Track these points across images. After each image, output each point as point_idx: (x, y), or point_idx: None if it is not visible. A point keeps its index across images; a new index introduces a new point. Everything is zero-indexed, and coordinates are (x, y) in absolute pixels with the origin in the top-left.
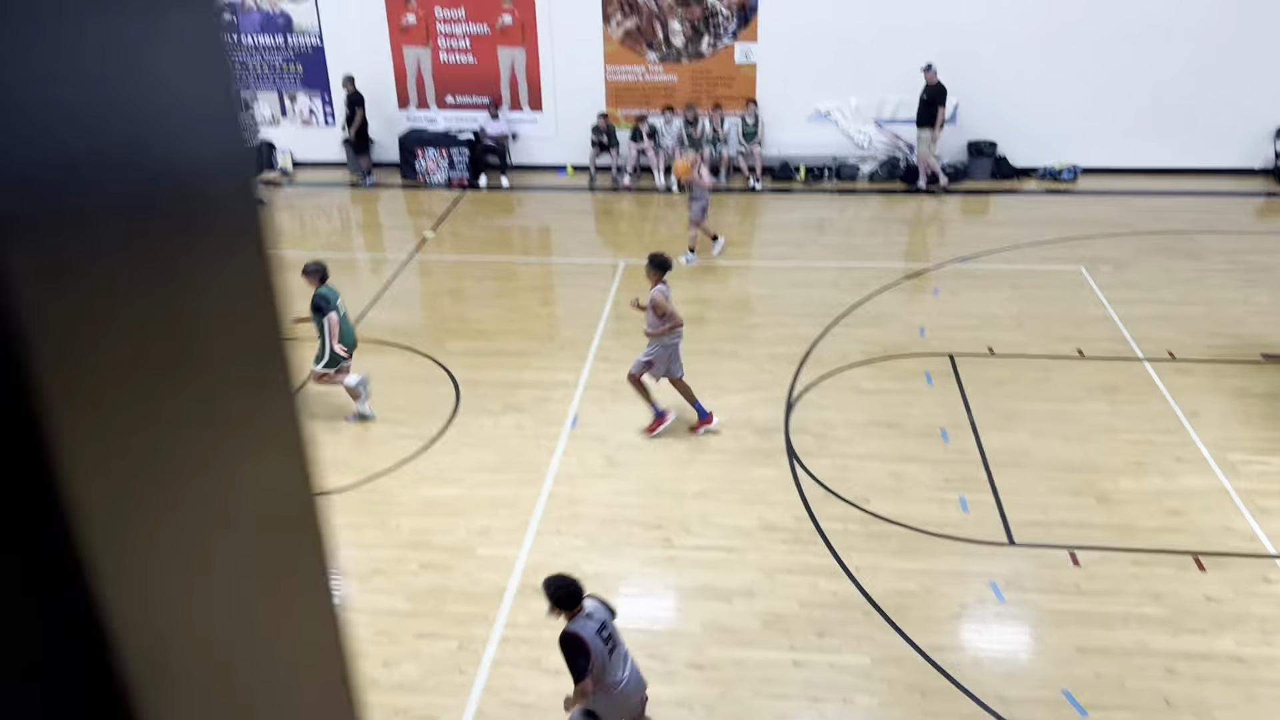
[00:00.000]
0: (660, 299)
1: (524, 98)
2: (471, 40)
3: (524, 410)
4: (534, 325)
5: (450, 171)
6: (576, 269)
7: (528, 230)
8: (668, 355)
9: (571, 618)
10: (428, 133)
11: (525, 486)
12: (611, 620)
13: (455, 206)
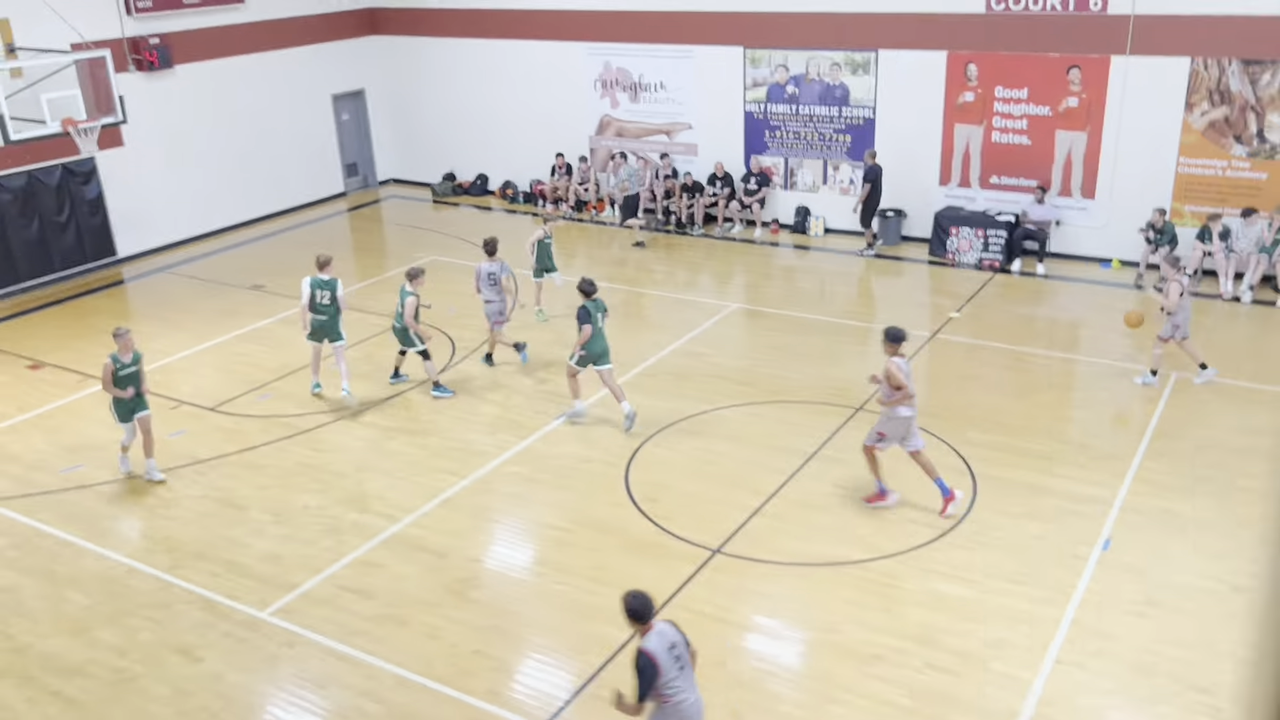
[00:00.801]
0: (894, 370)
1: (1076, 184)
2: (1029, 121)
3: (1048, 520)
4: (1063, 428)
5: (983, 252)
6: (1113, 372)
7: (1058, 323)
8: (902, 427)
9: (644, 634)
10: (965, 211)
11: (1046, 606)
12: (683, 641)
13: (983, 289)
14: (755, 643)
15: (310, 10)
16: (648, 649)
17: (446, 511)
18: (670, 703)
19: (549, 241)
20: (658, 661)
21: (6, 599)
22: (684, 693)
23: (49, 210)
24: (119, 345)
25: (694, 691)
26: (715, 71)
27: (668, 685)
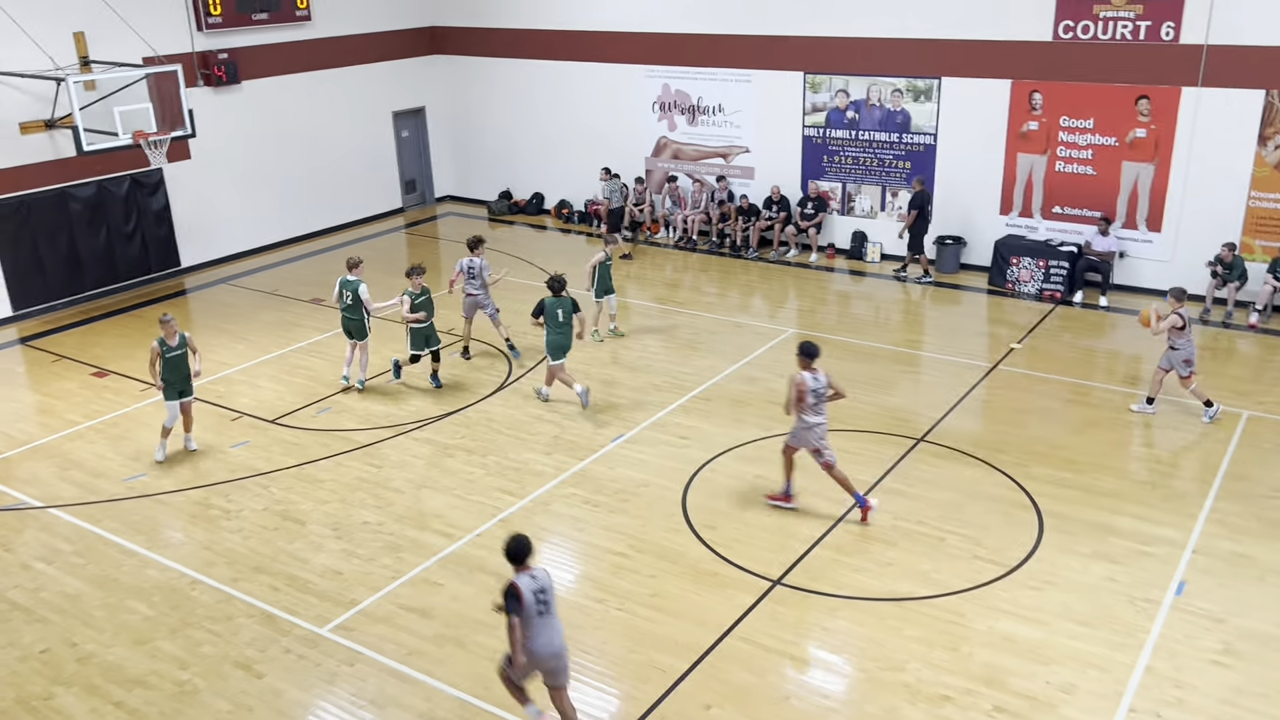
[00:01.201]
0: (792, 384)
1: (1141, 216)
2: (1094, 151)
3: (1117, 561)
4: (1132, 466)
5: (1045, 283)
6: (1178, 409)
7: (1119, 356)
8: (809, 436)
9: (518, 572)
10: (1026, 241)
11: (1119, 650)
12: (550, 590)
13: (1044, 320)
14: (819, 679)
15: (375, 28)
16: (517, 583)
17: (504, 531)
18: (526, 641)
19: (609, 264)
20: (521, 596)
21: (71, 607)
22: (538, 636)
23: (116, 220)
24: (164, 331)
25: (547, 635)
26: (774, 96)
27: (526, 624)
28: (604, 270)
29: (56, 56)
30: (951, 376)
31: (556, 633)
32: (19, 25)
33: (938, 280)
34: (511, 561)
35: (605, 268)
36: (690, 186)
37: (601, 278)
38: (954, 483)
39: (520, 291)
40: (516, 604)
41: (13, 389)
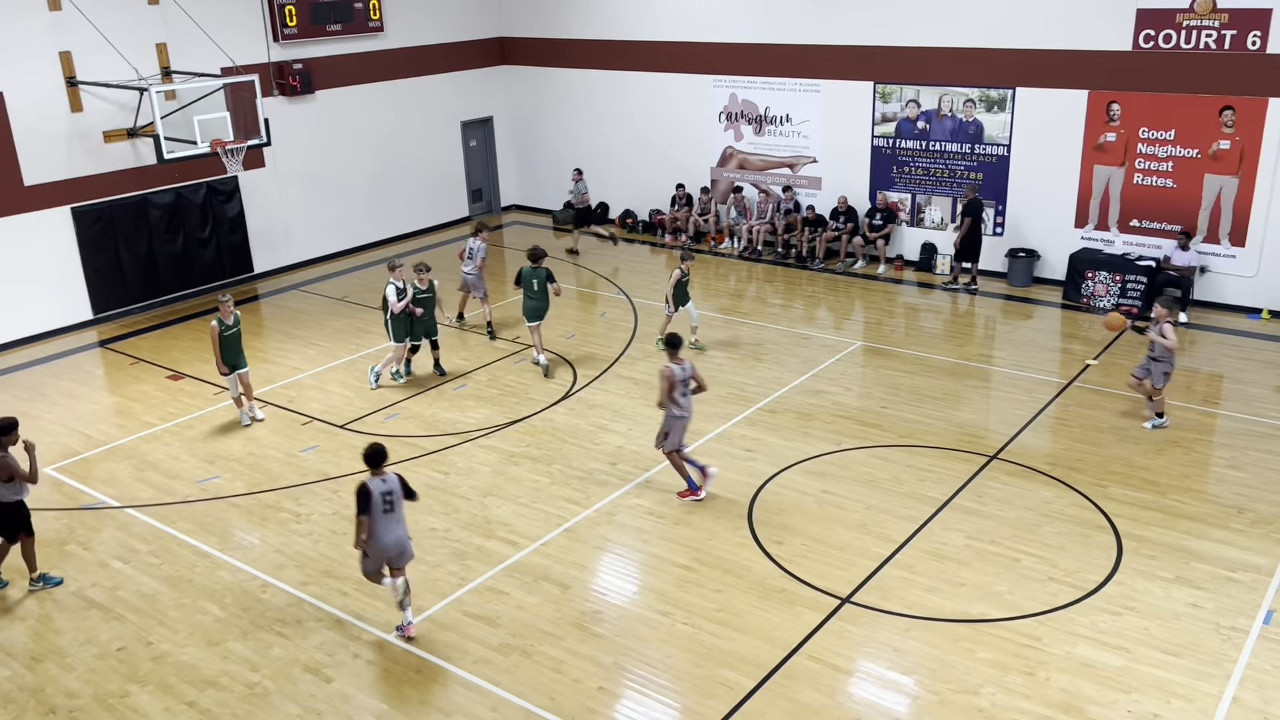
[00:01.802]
0: (662, 375)
1: (1224, 230)
2: (1175, 164)
3: (1201, 587)
4: (1216, 489)
5: (1121, 298)
6: (1264, 430)
7: (1198, 374)
8: (680, 426)
9: (372, 476)
10: (1102, 255)
11: (1204, 680)
12: (401, 494)
13: (1121, 336)
14: (890, 700)
15: (445, 39)
16: (368, 484)
17: (569, 541)
18: (372, 538)
19: (687, 280)
20: (370, 495)
21: (147, 606)
22: (384, 533)
23: (193, 227)
24: (221, 311)
25: (392, 531)
26: (843, 106)
27: (374, 521)
28: (681, 287)
29: (140, 67)
30: (1024, 392)
31: (400, 528)
32: (105, 37)
33: (1010, 294)
34: (369, 465)
35: (683, 285)
36: (756, 197)
37: (678, 293)
38: (1028, 502)
39: (576, 299)
40: (365, 503)
41: (92, 390)
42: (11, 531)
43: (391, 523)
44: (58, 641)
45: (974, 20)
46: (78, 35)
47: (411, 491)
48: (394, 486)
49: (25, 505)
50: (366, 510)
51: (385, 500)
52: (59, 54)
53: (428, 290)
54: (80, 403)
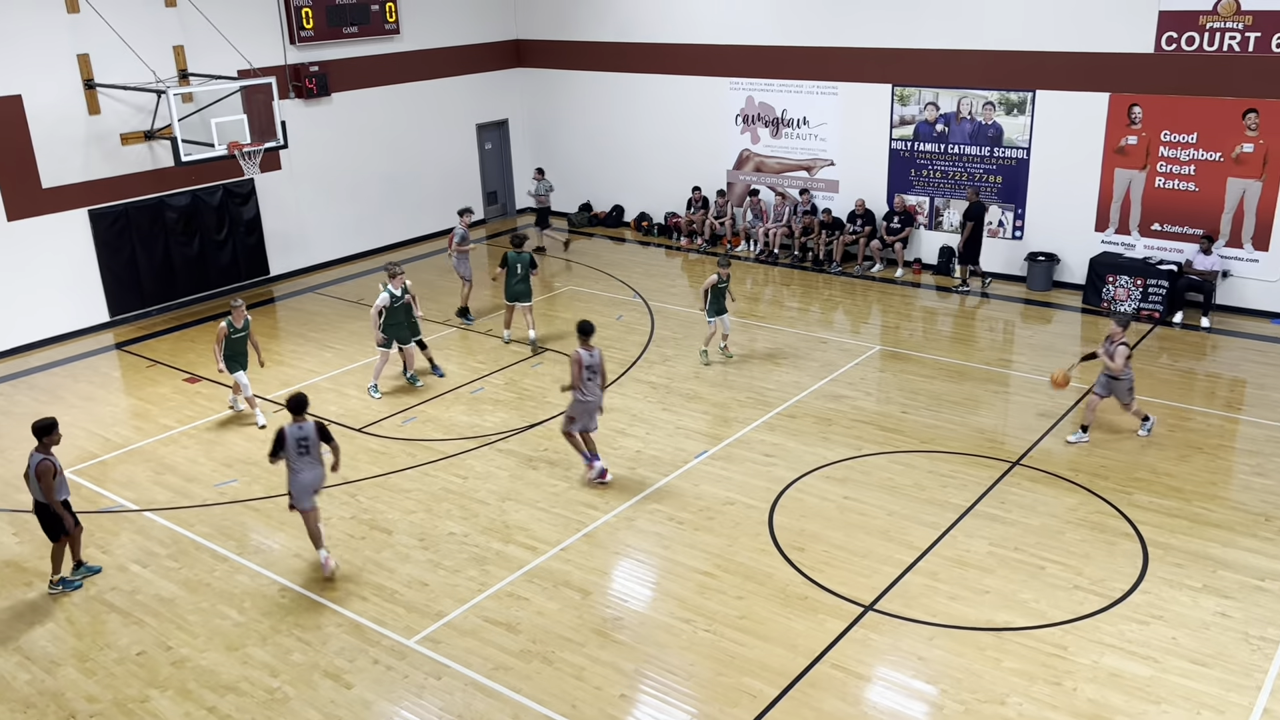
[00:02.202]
0: (575, 357)
1: (1246, 234)
2: (1197, 167)
3: (1230, 596)
4: (1242, 496)
5: (1142, 303)
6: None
7: (1221, 380)
8: (584, 411)
9: (291, 422)
10: (1123, 259)
11: (1235, 691)
12: (316, 439)
13: (1141, 341)
14: (916, 710)
15: (460, 41)
16: (284, 430)
17: (589, 546)
18: (291, 474)
19: (724, 286)
20: (284, 438)
21: (166, 610)
22: (300, 471)
23: (209, 229)
24: (233, 314)
25: (309, 473)
26: (861, 108)
27: (291, 462)
28: (718, 293)
29: (158, 70)
30: (1045, 398)
31: (316, 469)
32: (123, 40)
33: (1029, 298)
34: (291, 411)
35: (720, 291)
36: (772, 200)
37: (715, 299)
38: (1052, 508)
39: (590, 301)
40: (279, 446)
41: (109, 393)
42: (57, 531)
43: (307, 465)
44: (77, 645)
45: (994, 22)
46: (96, 38)
47: (329, 436)
48: (309, 433)
49: (69, 504)
50: (279, 452)
51: (300, 444)
52: (77, 57)
53: (401, 295)
54: (98, 405)
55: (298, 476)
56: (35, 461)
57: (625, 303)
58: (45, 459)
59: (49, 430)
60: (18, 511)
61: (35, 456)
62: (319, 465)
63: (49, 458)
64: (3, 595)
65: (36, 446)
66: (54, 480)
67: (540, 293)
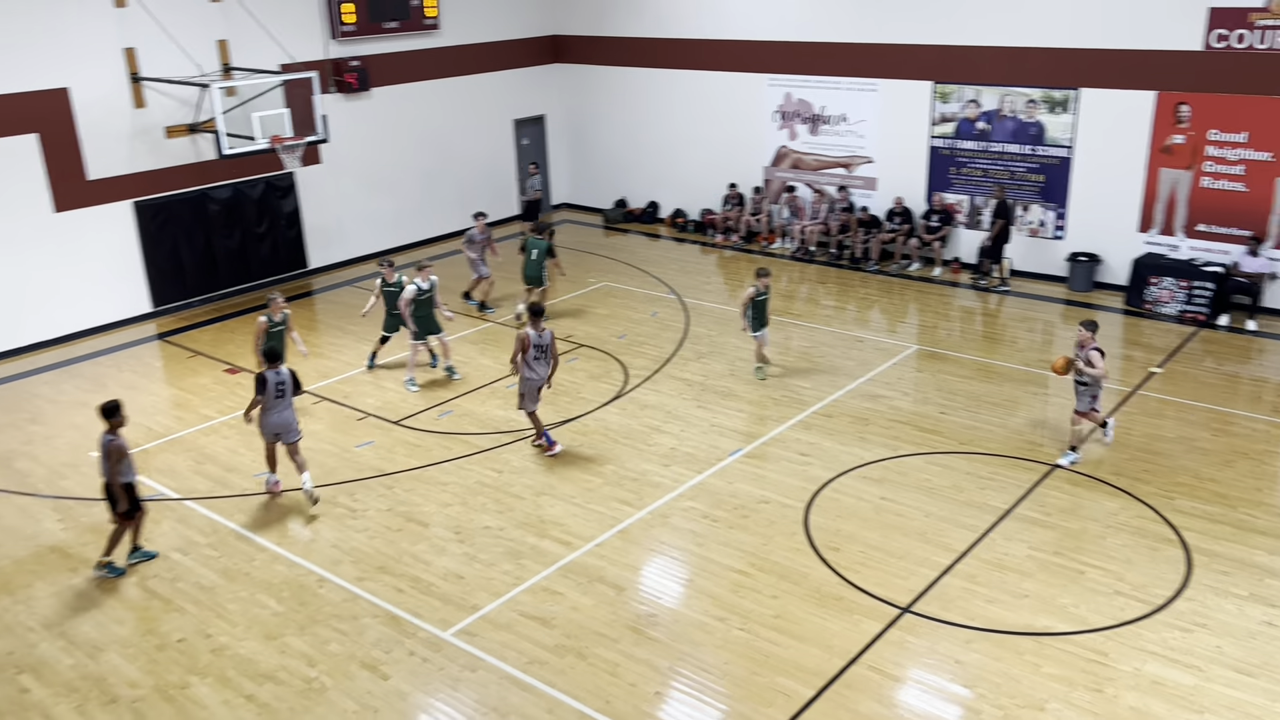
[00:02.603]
0: (520, 334)
1: None
2: (1247, 167)
3: (1277, 605)
4: None
5: (1186, 305)
6: None
7: (1268, 384)
8: (532, 388)
9: (268, 369)
10: (1167, 260)
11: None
12: (291, 385)
13: (1185, 343)
14: (953, 714)
15: (499, 37)
16: (265, 375)
17: (623, 543)
18: (264, 415)
19: (764, 298)
20: (265, 383)
21: (206, 598)
22: (272, 413)
23: (250, 222)
24: (271, 308)
25: (282, 415)
26: (901, 105)
27: (266, 404)
28: (759, 306)
29: (202, 64)
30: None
31: (288, 411)
32: (169, 34)
33: (1070, 298)
34: (268, 361)
35: (760, 303)
36: (809, 197)
37: (757, 313)
38: (1093, 513)
39: (625, 298)
40: (261, 388)
41: (151, 383)
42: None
43: (281, 406)
44: (120, 631)
45: (1038, 19)
46: (142, 31)
47: (299, 384)
48: (286, 378)
49: (135, 487)
50: (261, 393)
51: (278, 389)
52: (124, 50)
53: (394, 285)
54: (140, 394)
55: (271, 417)
56: (105, 442)
57: (660, 299)
58: (114, 439)
59: (114, 411)
60: (62, 499)
61: (105, 437)
62: (291, 408)
63: (117, 438)
64: (48, 581)
65: (106, 429)
66: (121, 461)
67: (576, 288)
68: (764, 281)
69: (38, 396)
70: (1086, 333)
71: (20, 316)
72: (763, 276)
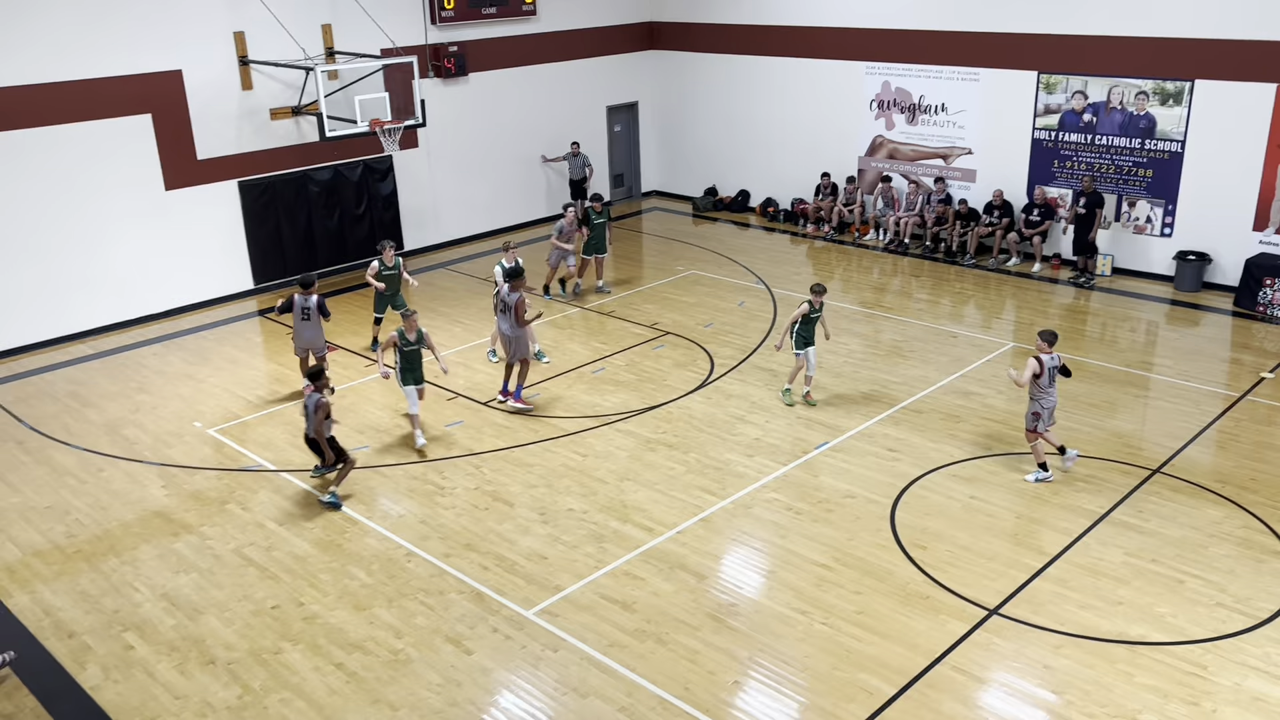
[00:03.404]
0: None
1: None
2: None
3: None
4: None
5: None
6: None
7: None
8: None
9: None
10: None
11: None
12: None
13: None
14: (1039, 719)
15: (596, 23)
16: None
17: (705, 531)
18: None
19: (816, 316)
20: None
21: (300, 568)
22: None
23: (349, 203)
24: (405, 325)
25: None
26: (1003, 96)
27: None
28: (809, 322)
29: (307, 47)
30: (1191, 404)
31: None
32: (277, 18)
33: (1176, 298)
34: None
35: (811, 320)
36: (905, 188)
37: (804, 330)
38: (1194, 520)
39: (712, 286)
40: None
41: (251, 357)
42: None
43: (306, 328)
44: (218, 595)
45: (1151, 7)
46: (251, 16)
47: (326, 310)
48: (313, 304)
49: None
50: (288, 310)
51: (304, 311)
52: (234, 34)
53: (393, 267)
54: (240, 368)
55: (299, 336)
56: (312, 400)
57: (748, 289)
58: (321, 398)
59: (319, 375)
60: (167, 465)
61: (311, 396)
62: (317, 328)
63: (324, 397)
64: (153, 544)
65: (312, 389)
66: (327, 419)
67: (663, 276)
68: (818, 299)
69: (145, 367)
70: (1040, 340)
71: (130, 290)
72: (817, 294)
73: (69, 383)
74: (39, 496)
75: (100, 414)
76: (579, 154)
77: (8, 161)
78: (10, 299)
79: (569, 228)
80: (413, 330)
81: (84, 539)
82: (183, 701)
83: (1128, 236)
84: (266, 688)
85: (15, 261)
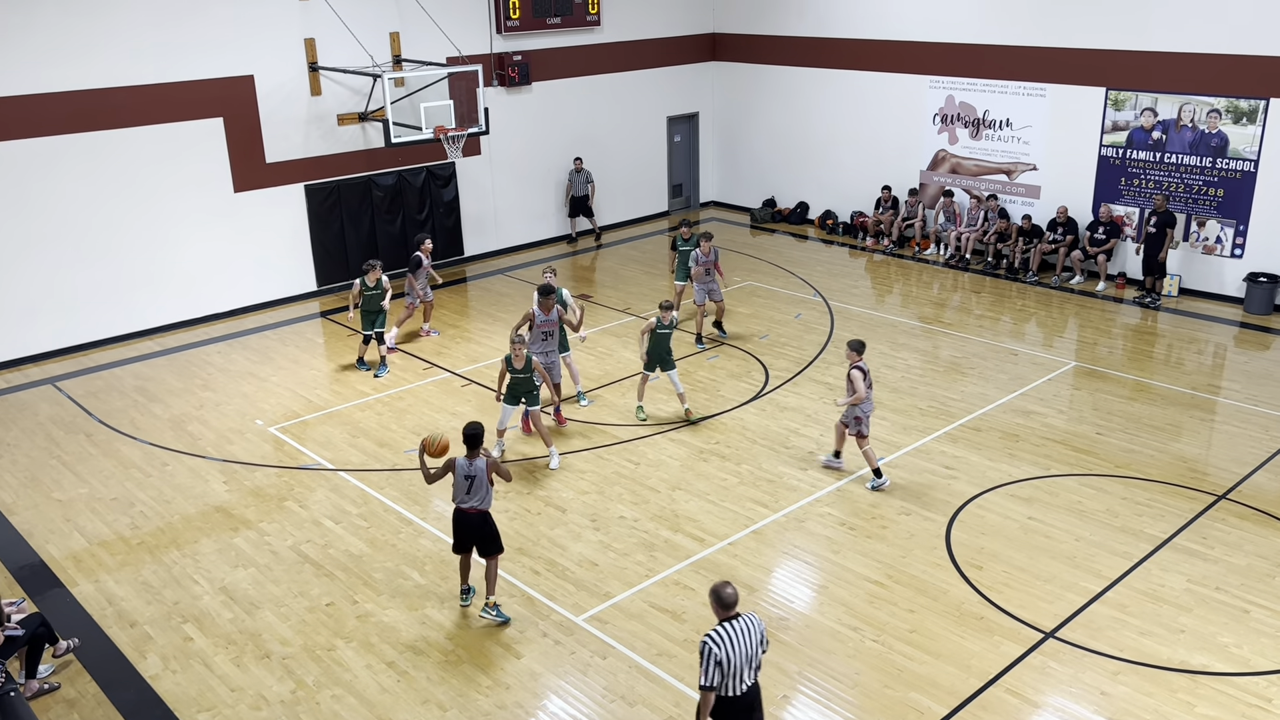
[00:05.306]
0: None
1: None
2: None
3: None
4: None
5: None
6: None
7: None
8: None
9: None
10: None
11: None
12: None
13: None
14: None
15: (659, 34)
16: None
17: (756, 543)
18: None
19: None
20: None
21: (355, 566)
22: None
23: (412, 209)
24: (512, 351)
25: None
26: (1070, 112)
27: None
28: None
29: (375, 55)
30: (1259, 429)
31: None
32: (346, 25)
33: (1245, 321)
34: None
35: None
36: (967, 203)
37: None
38: (1261, 549)
39: (770, 298)
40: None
41: (313, 358)
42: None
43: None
44: (275, 591)
45: (1224, 23)
46: (322, 23)
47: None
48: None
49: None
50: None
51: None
52: (304, 40)
53: (375, 287)
54: (302, 368)
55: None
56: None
57: (805, 301)
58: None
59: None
60: (229, 462)
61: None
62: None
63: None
64: (213, 538)
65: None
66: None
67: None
68: (668, 315)
69: (209, 365)
70: (851, 352)
71: (197, 289)
72: (666, 310)
73: (136, 378)
74: (105, 488)
75: (166, 409)
76: (582, 169)
77: (85, 161)
78: (83, 295)
79: (706, 258)
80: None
81: (147, 531)
82: (238, 694)
83: (1197, 257)
84: (319, 683)
85: (88, 258)
